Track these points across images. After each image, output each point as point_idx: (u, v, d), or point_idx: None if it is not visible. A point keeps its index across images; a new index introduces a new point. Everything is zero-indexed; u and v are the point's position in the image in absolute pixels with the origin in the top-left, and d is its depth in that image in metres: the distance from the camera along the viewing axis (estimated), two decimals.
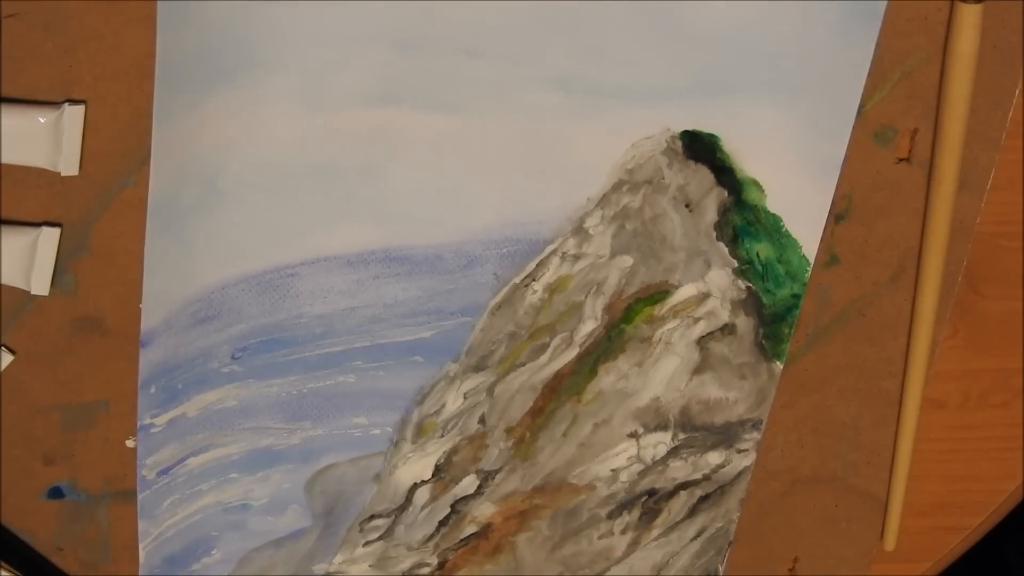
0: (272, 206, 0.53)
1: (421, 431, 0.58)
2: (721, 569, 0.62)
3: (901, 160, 0.55)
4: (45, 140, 0.51)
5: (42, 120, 0.51)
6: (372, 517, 0.60)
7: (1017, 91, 0.54)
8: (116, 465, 0.58)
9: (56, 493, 0.58)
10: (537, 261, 0.55)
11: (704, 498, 0.61)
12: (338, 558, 0.61)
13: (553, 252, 0.55)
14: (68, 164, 0.52)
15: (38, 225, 0.53)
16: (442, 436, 0.58)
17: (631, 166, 0.54)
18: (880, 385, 0.59)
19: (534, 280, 0.56)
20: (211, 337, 0.56)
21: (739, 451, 0.59)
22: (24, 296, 0.54)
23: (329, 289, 0.55)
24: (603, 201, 0.54)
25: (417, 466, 0.59)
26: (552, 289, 0.56)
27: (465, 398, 0.58)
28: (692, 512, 0.61)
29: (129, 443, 0.57)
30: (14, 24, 0.50)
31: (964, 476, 0.61)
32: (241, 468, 0.58)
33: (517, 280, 0.55)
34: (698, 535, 0.61)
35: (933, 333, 0.57)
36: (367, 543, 0.60)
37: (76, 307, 0.55)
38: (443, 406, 0.58)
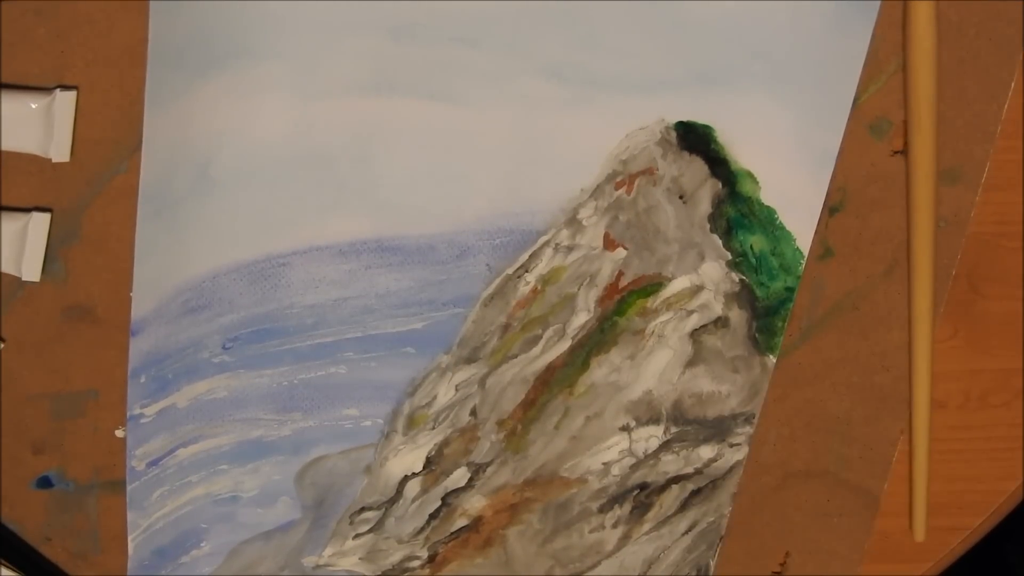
0: (264, 195, 0.53)
1: (412, 423, 0.58)
2: (712, 564, 0.62)
3: (896, 152, 0.55)
4: (36, 126, 0.51)
5: (33, 106, 0.50)
6: (362, 509, 0.60)
7: (1013, 83, 0.54)
8: (105, 455, 0.57)
9: (45, 483, 0.58)
10: (530, 252, 0.55)
11: (696, 492, 0.60)
12: (328, 551, 0.60)
13: (546, 243, 0.55)
14: (59, 150, 0.51)
15: (28, 210, 0.52)
16: (433, 428, 0.58)
17: (625, 156, 0.53)
18: (873, 379, 0.59)
19: (527, 271, 0.55)
20: (202, 327, 0.55)
21: (731, 445, 0.59)
22: (14, 283, 0.54)
23: (321, 279, 0.55)
24: (597, 192, 0.54)
25: (408, 458, 0.59)
26: (545, 280, 0.56)
27: (457, 390, 0.57)
28: (684, 506, 0.61)
29: (119, 433, 0.57)
30: (6, 9, 0.49)
31: (964, 476, 0.61)
32: (231, 459, 0.58)
33: (510, 271, 0.55)
34: (689, 529, 0.61)
35: (931, 327, 0.57)
36: (357, 535, 0.60)
37: (66, 295, 0.54)
38: (434, 398, 0.57)
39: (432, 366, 0.57)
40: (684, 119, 0.53)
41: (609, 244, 0.55)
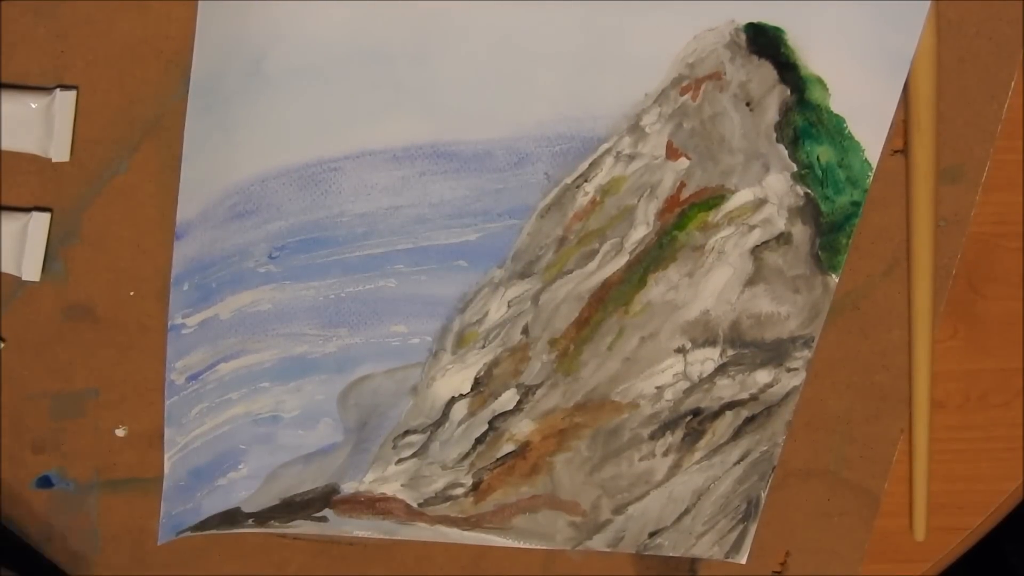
0: (318, 93, 0.51)
1: (462, 341, 0.56)
2: (763, 495, 0.60)
3: (896, 152, 0.54)
4: (36, 126, 0.50)
5: (33, 106, 0.50)
6: (406, 433, 0.58)
7: (1013, 83, 0.53)
8: (106, 454, 0.57)
9: (45, 482, 0.57)
10: (590, 160, 0.53)
11: (750, 419, 0.59)
12: (369, 476, 0.58)
13: (607, 151, 0.53)
14: (59, 150, 0.51)
15: (28, 210, 0.52)
16: (483, 347, 0.56)
17: (692, 60, 0.52)
18: (873, 378, 0.59)
19: (586, 181, 0.53)
20: (248, 233, 0.53)
21: (788, 370, 0.58)
22: (14, 283, 0.53)
23: (373, 186, 0.53)
24: (661, 97, 0.52)
25: (456, 378, 0.57)
26: (604, 191, 0.54)
27: (509, 306, 0.56)
28: (737, 434, 0.59)
29: (119, 432, 0.57)
30: (6, 9, 0.49)
31: (964, 476, 0.61)
32: (273, 377, 0.56)
33: (568, 180, 0.53)
34: (742, 459, 0.59)
35: (931, 327, 0.57)
36: (400, 460, 0.58)
37: (67, 295, 0.54)
38: (486, 314, 0.56)
39: (485, 280, 0.55)
40: (755, 20, 0.51)
41: (672, 153, 0.53)
